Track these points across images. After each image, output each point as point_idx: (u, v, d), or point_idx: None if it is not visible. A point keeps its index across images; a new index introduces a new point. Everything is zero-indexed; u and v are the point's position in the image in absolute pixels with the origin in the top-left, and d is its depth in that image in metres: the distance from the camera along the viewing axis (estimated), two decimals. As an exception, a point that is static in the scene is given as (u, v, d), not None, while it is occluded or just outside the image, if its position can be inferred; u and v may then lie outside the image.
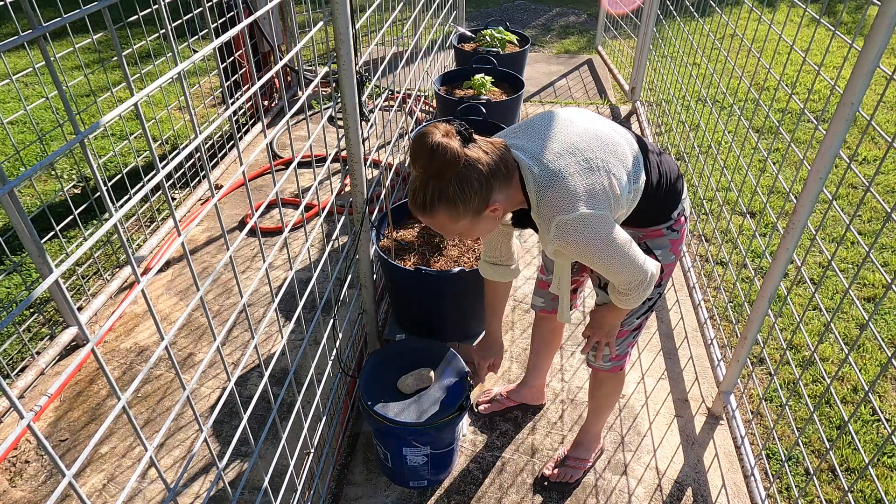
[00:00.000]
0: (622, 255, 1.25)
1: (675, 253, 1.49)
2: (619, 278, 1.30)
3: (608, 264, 1.25)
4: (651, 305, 1.58)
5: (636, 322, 1.61)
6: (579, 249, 1.22)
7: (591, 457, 1.89)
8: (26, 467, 1.92)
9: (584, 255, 1.24)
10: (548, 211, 1.21)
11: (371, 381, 1.75)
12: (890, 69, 4.43)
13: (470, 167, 1.17)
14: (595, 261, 1.25)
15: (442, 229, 1.26)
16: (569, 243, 1.22)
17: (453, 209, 1.19)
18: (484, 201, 1.21)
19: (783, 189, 3.26)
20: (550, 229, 1.22)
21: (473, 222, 1.24)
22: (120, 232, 0.67)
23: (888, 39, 1.30)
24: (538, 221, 1.25)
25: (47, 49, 0.59)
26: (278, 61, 1.33)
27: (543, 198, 1.21)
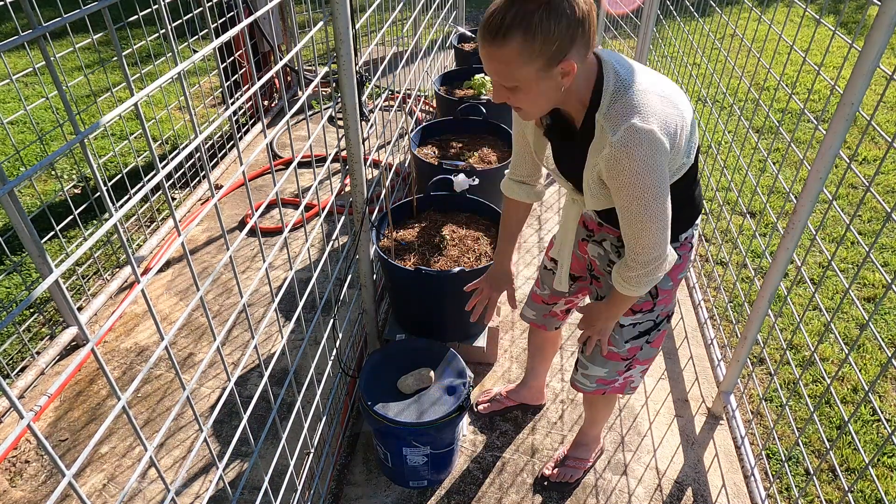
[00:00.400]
0: (660, 209, 1.14)
1: (672, 278, 1.41)
2: (641, 238, 1.19)
3: (645, 209, 1.13)
4: (644, 333, 1.50)
5: (626, 347, 1.51)
6: (635, 172, 1.09)
7: (591, 457, 1.89)
8: (26, 467, 1.92)
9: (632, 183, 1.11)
10: (622, 110, 1.09)
11: (371, 381, 1.75)
12: (890, 69, 4.43)
13: (564, 2, 1.03)
14: (636, 197, 1.12)
15: (504, 70, 1.08)
16: (629, 158, 1.08)
17: (530, 42, 1.03)
18: (562, 51, 1.05)
19: (783, 189, 3.26)
20: (618, 133, 1.08)
21: (538, 77, 1.07)
22: (120, 232, 0.67)
23: (888, 39, 1.30)
24: (604, 126, 1.11)
25: (47, 49, 0.59)
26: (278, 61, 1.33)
27: (621, 98, 1.10)
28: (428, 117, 3.92)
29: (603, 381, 1.61)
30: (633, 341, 1.51)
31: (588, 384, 1.62)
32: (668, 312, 1.49)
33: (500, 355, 2.31)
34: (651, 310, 1.45)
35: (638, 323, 1.48)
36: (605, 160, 1.12)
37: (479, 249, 2.11)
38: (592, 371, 1.60)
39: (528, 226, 3.01)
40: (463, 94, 3.19)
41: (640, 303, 1.44)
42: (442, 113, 3.13)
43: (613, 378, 1.59)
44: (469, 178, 2.25)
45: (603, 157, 1.12)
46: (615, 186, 1.14)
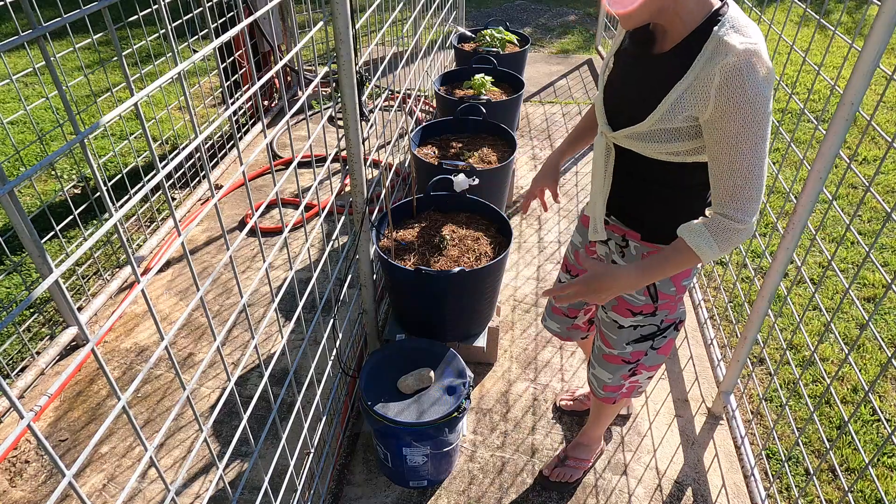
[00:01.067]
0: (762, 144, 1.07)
1: (675, 283, 1.37)
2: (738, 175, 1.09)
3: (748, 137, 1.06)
4: (647, 336, 1.46)
5: (627, 350, 1.48)
6: (753, 86, 1.03)
7: (591, 458, 1.89)
8: (26, 467, 1.92)
9: (748, 101, 1.04)
10: (745, 32, 1.06)
11: (371, 381, 1.75)
12: (890, 69, 4.43)
13: None
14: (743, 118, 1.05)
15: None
16: (745, 76, 1.03)
17: None
18: None
19: (783, 189, 3.26)
20: (740, 46, 1.03)
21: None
22: (120, 232, 0.67)
23: (888, 39, 1.30)
24: (724, 39, 1.06)
25: (47, 49, 0.59)
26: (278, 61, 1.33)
27: (742, 28, 1.07)
28: (428, 117, 3.92)
29: (610, 388, 1.60)
30: (634, 344, 1.48)
31: (598, 389, 1.62)
32: (675, 320, 1.45)
33: (500, 355, 2.31)
34: (653, 314, 1.42)
35: (638, 325, 1.45)
36: (724, 69, 1.05)
37: (479, 249, 2.11)
38: (598, 373, 1.59)
39: (528, 226, 3.01)
40: (463, 94, 3.19)
41: (640, 304, 1.41)
42: (442, 113, 3.13)
43: (619, 384, 1.58)
44: (469, 177, 2.25)
45: (722, 66, 1.05)
46: (727, 106, 1.06)
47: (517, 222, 3.05)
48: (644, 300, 1.41)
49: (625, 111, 1.24)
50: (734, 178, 1.10)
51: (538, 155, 3.62)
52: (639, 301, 1.42)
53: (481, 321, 2.17)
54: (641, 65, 1.21)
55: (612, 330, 1.50)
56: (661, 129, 1.17)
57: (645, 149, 1.22)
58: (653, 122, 1.17)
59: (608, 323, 1.50)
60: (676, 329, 1.48)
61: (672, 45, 1.15)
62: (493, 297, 2.14)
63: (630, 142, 1.24)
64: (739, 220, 1.12)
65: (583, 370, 2.25)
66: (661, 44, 1.18)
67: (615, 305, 1.47)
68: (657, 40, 1.19)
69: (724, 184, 1.11)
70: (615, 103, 1.28)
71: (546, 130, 3.91)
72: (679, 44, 1.13)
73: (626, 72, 1.26)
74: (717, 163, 1.11)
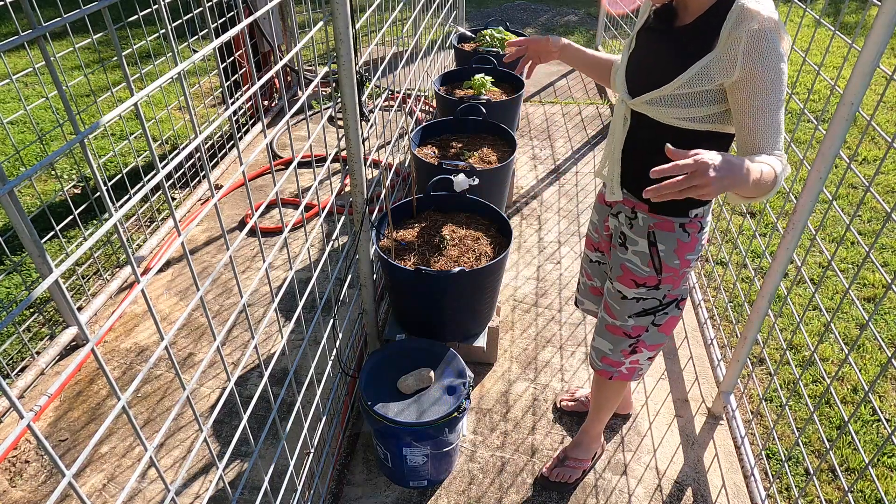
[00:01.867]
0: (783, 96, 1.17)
1: (679, 256, 1.41)
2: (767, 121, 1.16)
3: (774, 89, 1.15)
4: (649, 311, 1.49)
5: (629, 323, 1.52)
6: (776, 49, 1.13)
7: (590, 457, 1.89)
8: (26, 467, 1.92)
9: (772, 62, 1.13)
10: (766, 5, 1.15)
11: (371, 381, 1.75)
12: (890, 69, 4.43)
13: None
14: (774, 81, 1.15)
15: None
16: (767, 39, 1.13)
17: None
18: None
19: (783, 189, 3.26)
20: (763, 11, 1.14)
21: None
22: (120, 232, 0.67)
23: (888, 39, 1.30)
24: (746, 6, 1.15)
25: (47, 49, 0.59)
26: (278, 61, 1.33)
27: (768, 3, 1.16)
28: (428, 117, 3.92)
29: (608, 361, 1.61)
30: (636, 318, 1.52)
31: (596, 360, 1.64)
32: (678, 296, 1.49)
33: (500, 355, 2.31)
34: (656, 286, 1.46)
35: (641, 298, 1.49)
36: (750, 32, 1.13)
37: (479, 249, 2.11)
38: (598, 343, 1.61)
39: (528, 226, 3.01)
40: (463, 94, 3.19)
41: (644, 276, 1.46)
42: (442, 113, 3.13)
43: (619, 360, 1.60)
44: (469, 177, 2.25)
45: (749, 29, 1.13)
46: (756, 65, 1.14)
47: (517, 222, 3.05)
48: (648, 271, 1.45)
49: (648, 79, 1.30)
50: (770, 126, 1.17)
51: (538, 155, 3.62)
52: (644, 272, 1.46)
53: (481, 321, 2.17)
54: (665, 38, 1.29)
55: (615, 300, 1.54)
56: (683, 93, 1.24)
57: (664, 114, 1.28)
58: (677, 86, 1.24)
59: (613, 293, 1.55)
60: (678, 307, 1.52)
61: (693, 18, 1.23)
62: (493, 297, 2.14)
63: (649, 108, 1.30)
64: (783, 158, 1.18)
65: (583, 370, 2.25)
66: (682, 17, 1.27)
67: (620, 276, 1.51)
68: (679, 14, 1.27)
69: (761, 132, 1.18)
70: (639, 73, 1.34)
71: (546, 130, 3.90)
72: (701, 16, 1.22)
73: (650, 46, 1.33)
74: (751, 115, 1.18)
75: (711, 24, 1.20)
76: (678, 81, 1.23)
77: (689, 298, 2.59)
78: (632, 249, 1.47)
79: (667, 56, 1.27)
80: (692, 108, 1.24)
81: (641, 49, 1.35)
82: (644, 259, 1.45)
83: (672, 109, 1.26)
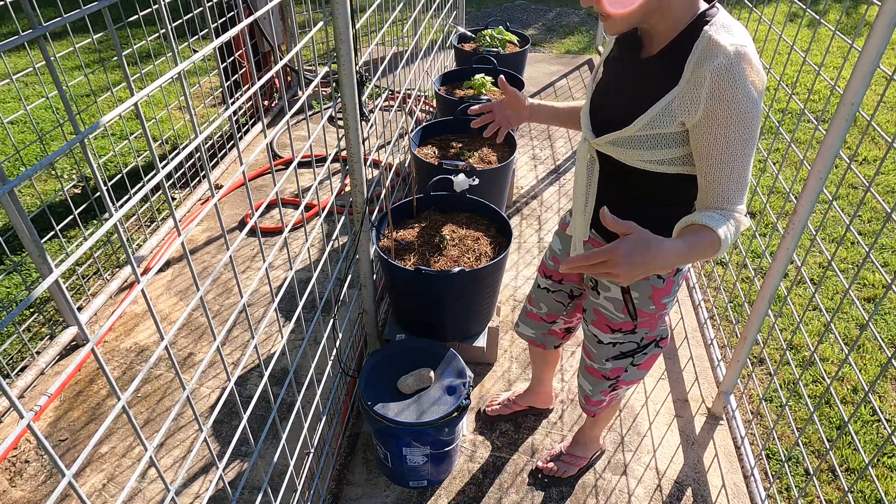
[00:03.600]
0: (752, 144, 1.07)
1: (654, 302, 1.35)
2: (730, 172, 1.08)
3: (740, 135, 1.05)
4: (627, 353, 1.45)
5: (608, 367, 1.48)
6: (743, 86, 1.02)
7: (587, 456, 1.89)
8: (26, 467, 1.92)
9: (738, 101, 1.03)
10: (736, 35, 1.05)
11: (371, 381, 1.75)
12: (890, 69, 4.43)
13: None
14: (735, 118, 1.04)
15: None
16: (734, 76, 1.02)
17: None
18: None
19: (783, 189, 3.26)
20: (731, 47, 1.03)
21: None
22: (120, 232, 0.67)
23: (888, 39, 1.30)
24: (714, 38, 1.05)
25: (47, 49, 0.59)
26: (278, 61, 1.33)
27: (731, 28, 1.07)
28: (428, 117, 3.92)
29: (592, 402, 1.61)
30: (614, 361, 1.48)
31: (581, 399, 1.64)
32: (657, 337, 1.44)
33: (500, 355, 2.31)
34: (632, 331, 1.41)
35: (618, 342, 1.44)
36: (715, 71, 1.03)
37: (479, 249, 2.11)
38: (581, 383, 1.61)
39: (528, 226, 3.01)
40: (463, 93, 3.19)
41: (620, 322, 1.41)
42: (442, 113, 3.13)
43: (600, 399, 1.60)
44: (469, 178, 2.25)
45: (714, 67, 1.03)
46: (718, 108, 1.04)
47: (517, 223, 3.05)
48: (623, 318, 1.39)
49: (611, 116, 1.21)
50: (730, 177, 1.09)
51: (538, 155, 3.62)
52: (618, 318, 1.40)
53: (481, 321, 2.17)
54: (630, 69, 1.20)
55: (592, 344, 1.50)
56: (647, 134, 1.15)
57: (628, 156, 1.18)
58: (639, 127, 1.14)
59: (590, 336, 1.51)
60: (658, 346, 1.46)
61: (660, 48, 1.13)
62: (493, 297, 2.14)
63: (613, 149, 1.20)
64: (741, 213, 1.11)
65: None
66: (648, 47, 1.17)
67: (594, 320, 1.46)
68: (644, 44, 1.18)
69: (719, 182, 1.10)
70: (602, 109, 1.25)
71: (546, 130, 3.90)
72: (666, 46, 1.12)
73: (615, 78, 1.24)
74: (710, 162, 1.10)
75: (677, 57, 1.10)
76: (640, 122, 1.14)
77: (690, 298, 2.59)
78: (604, 295, 1.41)
79: (631, 92, 1.18)
80: (658, 150, 1.15)
81: (607, 82, 1.25)
82: (618, 305, 1.38)
83: (636, 151, 1.17)
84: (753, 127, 1.06)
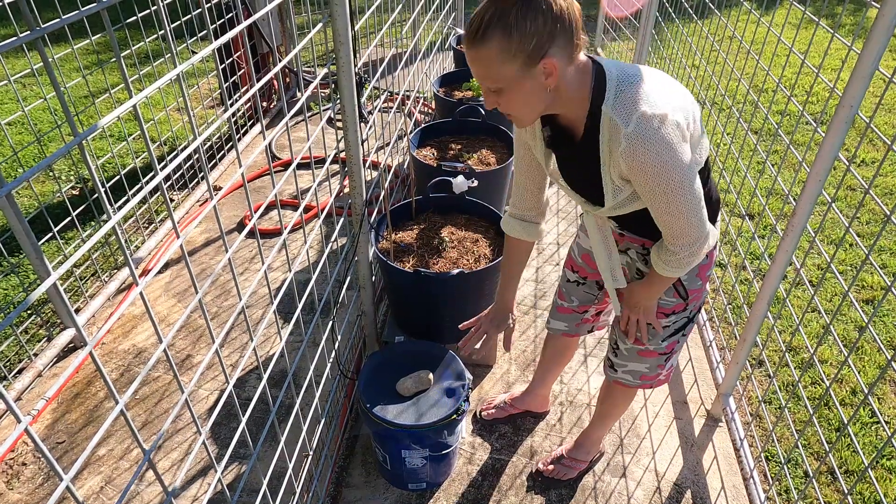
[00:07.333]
0: (691, 192, 1.12)
1: (702, 278, 1.42)
2: (678, 223, 1.16)
3: (675, 196, 1.11)
4: (679, 329, 1.50)
5: (663, 345, 1.53)
6: (655, 160, 1.06)
7: (587, 460, 1.88)
8: (23, 470, 1.91)
9: (655, 173, 1.08)
10: (630, 100, 1.08)
11: (370, 383, 1.74)
12: (888, 71, 4.44)
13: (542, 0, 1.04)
14: (663, 184, 1.10)
15: (486, 72, 1.09)
16: (646, 148, 1.06)
17: (507, 39, 1.03)
18: (541, 48, 1.04)
19: (782, 191, 3.26)
20: (630, 124, 1.06)
21: (521, 76, 1.07)
22: (118, 234, 0.67)
23: (888, 41, 1.30)
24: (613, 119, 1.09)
25: (45, 51, 0.59)
26: (277, 63, 1.32)
27: (627, 88, 1.09)
28: (427, 119, 3.92)
29: (647, 378, 1.62)
30: (669, 338, 1.53)
31: (632, 380, 1.63)
32: (700, 306, 1.51)
33: (499, 357, 2.31)
34: (684, 309, 1.48)
35: (672, 323, 1.50)
36: (623, 156, 1.09)
37: (479, 251, 2.11)
38: (633, 367, 1.60)
39: (527, 227, 3.00)
40: (462, 95, 3.19)
41: (673, 305, 1.46)
42: (441, 114, 3.13)
43: (656, 373, 1.61)
44: (468, 179, 2.25)
45: (621, 152, 1.09)
46: (640, 181, 1.11)
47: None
48: (675, 301, 1.46)
49: (588, 196, 1.31)
50: (675, 224, 1.18)
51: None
52: (671, 303, 1.46)
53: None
54: (571, 154, 1.26)
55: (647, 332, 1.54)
56: (623, 199, 1.22)
57: (628, 210, 1.27)
58: (611, 204, 1.24)
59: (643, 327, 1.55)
60: (700, 311, 1.55)
61: (580, 133, 1.19)
62: (492, 299, 2.14)
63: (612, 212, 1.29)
64: (680, 247, 1.22)
65: (582, 372, 2.24)
66: (574, 131, 1.22)
67: None
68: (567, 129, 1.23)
69: (667, 228, 1.20)
70: (579, 190, 1.33)
71: (545, 132, 3.90)
72: (583, 133, 1.18)
73: (563, 163, 1.31)
74: (654, 212, 1.19)
75: (593, 142, 1.16)
76: (608, 200, 1.24)
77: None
78: None
79: (583, 176, 1.26)
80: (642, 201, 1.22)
81: (562, 165, 1.32)
82: (669, 291, 1.45)
83: (629, 207, 1.25)
84: (682, 179, 1.10)
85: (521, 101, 1.12)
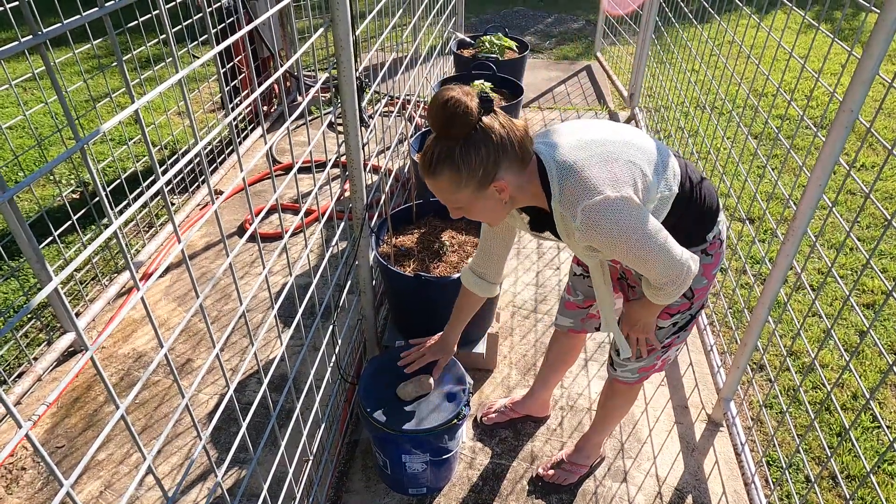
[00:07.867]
0: (656, 245, 1.19)
1: (707, 277, 1.45)
2: (654, 271, 1.24)
3: (642, 255, 1.19)
4: (682, 326, 1.53)
5: (666, 341, 1.55)
6: (610, 238, 1.16)
7: (588, 464, 1.88)
8: (23, 474, 1.90)
9: (615, 246, 1.18)
10: (572, 195, 1.17)
11: (370, 387, 1.74)
12: (888, 76, 4.45)
13: (482, 132, 1.13)
14: (627, 251, 1.18)
15: (444, 197, 1.22)
16: (598, 232, 1.16)
17: (456, 173, 1.14)
18: (489, 175, 1.15)
19: (782, 195, 3.26)
20: (577, 217, 1.16)
21: (476, 196, 1.19)
22: (119, 239, 0.67)
23: (888, 46, 1.30)
24: (562, 214, 1.20)
25: (48, 56, 0.59)
26: (278, 67, 1.33)
27: (565, 185, 1.18)
28: (427, 123, 3.92)
29: (645, 370, 1.64)
30: (672, 336, 1.56)
31: (631, 376, 1.65)
32: (703, 303, 1.53)
33: (500, 361, 2.31)
34: (689, 308, 1.50)
35: (676, 322, 1.52)
36: (580, 240, 1.20)
37: (479, 255, 2.11)
38: (633, 364, 1.62)
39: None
40: (462, 99, 3.20)
41: (678, 305, 1.48)
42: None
43: (653, 364, 1.63)
44: (469, 183, 2.25)
45: (577, 238, 1.21)
46: (604, 250, 1.22)
47: (516, 228, 3.04)
48: (681, 300, 1.48)
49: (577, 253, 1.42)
50: (651, 269, 1.24)
51: (537, 161, 3.62)
52: (676, 303, 1.48)
53: (480, 327, 2.16)
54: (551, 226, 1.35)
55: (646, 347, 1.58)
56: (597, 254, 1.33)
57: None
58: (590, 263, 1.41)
59: None
60: (702, 308, 1.56)
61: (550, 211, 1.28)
62: (492, 304, 2.14)
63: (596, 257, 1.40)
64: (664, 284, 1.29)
65: (582, 376, 2.24)
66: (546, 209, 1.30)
67: None
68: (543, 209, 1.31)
69: (646, 273, 1.27)
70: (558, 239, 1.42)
71: (545, 136, 3.90)
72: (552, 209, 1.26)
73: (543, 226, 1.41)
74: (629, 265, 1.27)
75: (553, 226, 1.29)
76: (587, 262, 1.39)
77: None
78: None
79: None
80: None
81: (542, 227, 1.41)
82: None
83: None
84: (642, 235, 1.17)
85: (482, 214, 1.26)
